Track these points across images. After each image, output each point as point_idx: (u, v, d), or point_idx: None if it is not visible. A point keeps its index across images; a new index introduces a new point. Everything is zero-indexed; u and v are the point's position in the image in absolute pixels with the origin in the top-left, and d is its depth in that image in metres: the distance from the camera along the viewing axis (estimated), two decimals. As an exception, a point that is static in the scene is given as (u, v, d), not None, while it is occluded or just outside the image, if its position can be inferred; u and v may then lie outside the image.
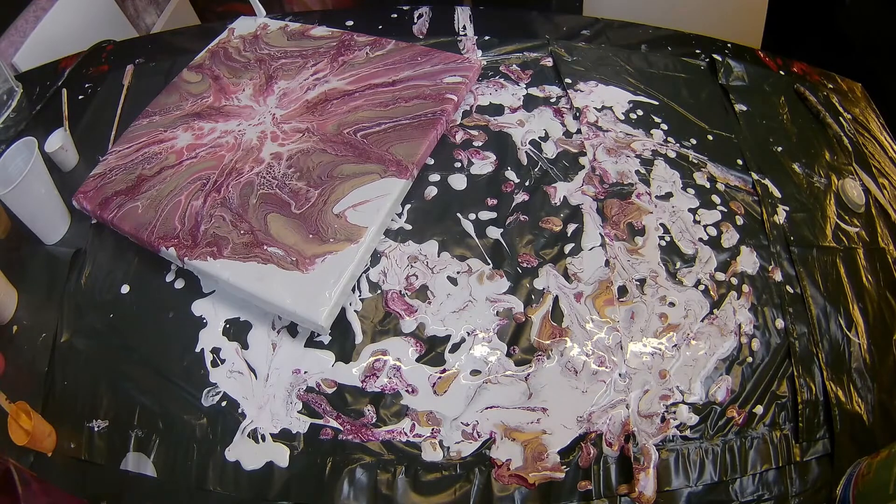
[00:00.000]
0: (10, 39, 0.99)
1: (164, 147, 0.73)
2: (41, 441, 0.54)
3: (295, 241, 0.61)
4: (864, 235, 0.71)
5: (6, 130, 0.82)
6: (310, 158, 0.68)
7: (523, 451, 0.53)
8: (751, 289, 0.63)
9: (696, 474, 0.53)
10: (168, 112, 0.78)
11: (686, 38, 0.92)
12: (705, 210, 0.69)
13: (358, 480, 0.53)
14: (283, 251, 0.60)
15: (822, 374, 0.59)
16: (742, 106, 0.81)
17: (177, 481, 0.53)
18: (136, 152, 0.73)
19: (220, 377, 0.58)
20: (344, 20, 0.92)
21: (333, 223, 0.62)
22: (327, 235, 0.61)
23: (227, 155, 0.71)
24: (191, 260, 0.61)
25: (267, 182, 0.67)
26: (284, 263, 0.59)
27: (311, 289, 0.57)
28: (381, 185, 0.64)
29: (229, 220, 0.64)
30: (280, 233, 0.62)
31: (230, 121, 0.75)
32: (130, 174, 0.70)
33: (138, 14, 1.34)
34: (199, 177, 0.69)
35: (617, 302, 0.61)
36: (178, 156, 0.72)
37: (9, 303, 0.63)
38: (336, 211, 0.63)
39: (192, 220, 0.64)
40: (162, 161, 0.71)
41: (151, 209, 0.66)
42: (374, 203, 0.63)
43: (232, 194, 0.66)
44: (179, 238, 0.63)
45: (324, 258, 0.59)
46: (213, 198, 0.66)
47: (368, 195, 0.64)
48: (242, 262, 0.60)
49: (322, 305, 0.56)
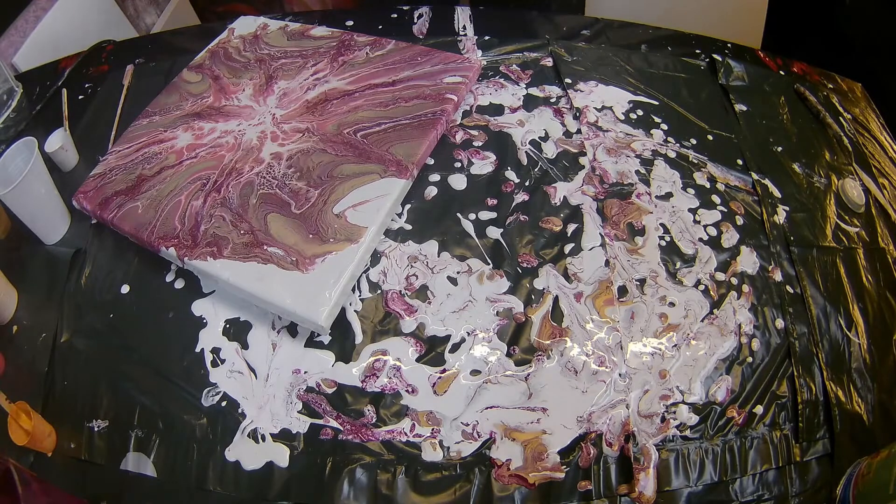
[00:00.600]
0: (10, 39, 0.99)
1: (164, 147, 0.73)
2: (41, 441, 0.54)
3: (295, 241, 0.61)
4: (864, 235, 0.71)
5: (6, 130, 0.82)
6: (310, 158, 0.68)
7: (523, 451, 0.53)
8: (751, 289, 0.63)
9: (696, 474, 0.53)
10: (168, 112, 0.78)
11: (686, 38, 0.92)
12: (705, 210, 0.69)
13: (358, 480, 0.53)
14: (283, 251, 0.60)
15: (822, 374, 0.59)
16: (742, 106, 0.81)
17: (177, 481, 0.53)
18: (136, 152, 0.73)
19: (220, 377, 0.58)
20: (344, 20, 0.92)
21: (333, 223, 0.62)
22: (327, 235, 0.61)
23: (227, 155, 0.71)
24: (191, 260, 0.61)
25: (267, 182, 0.67)
26: (284, 263, 0.59)
27: (311, 289, 0.57)
28: (382, 185, 0.64)
29: (229, 220, 0.64)
30: (280, 233, 0.62)
31: (230, 121, 0.75)
32: (130, 174, 0.70)
33: (138, 14, 1.34)
34: (199, 177, 0.69)
35: (617, 302, 0.61)
36: (178, 156, 0.72)
37: (9, 303, 0.63)
38: (336, 211, 0.63)
39: (192, 220, 0.64)
40: (162, 161, 0.71)
41: (151, 209, 0.66)
42: (374, 203, 0.63)
43: (232, 194, 0.66)
44: (179, 238, 0.63)
45: (324, 258, 0.59)
46: (213, 198, 0.66)
47: (368, 195, 0.64)
48: (242, 262, 0.60)
49: (322, 305, 0.56)
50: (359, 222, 0.62)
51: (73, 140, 0.77)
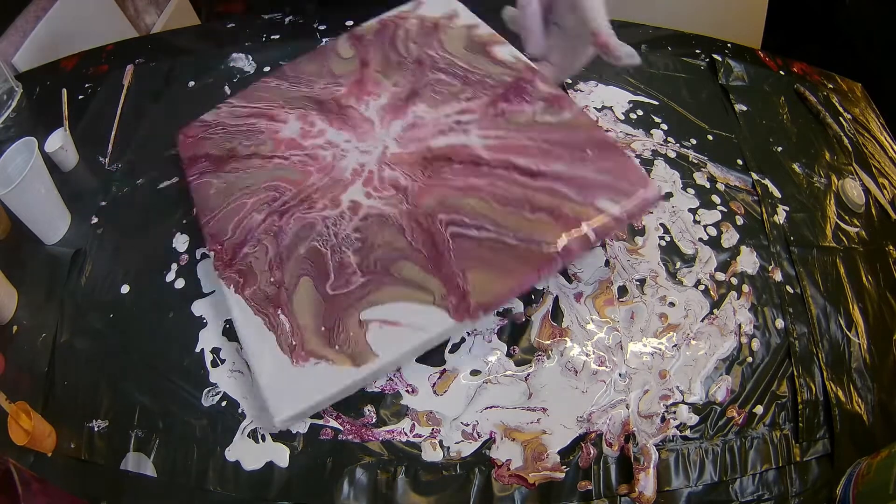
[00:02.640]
0: (10, 39, 0.99)
1: (270, 128, 0.67)
2: (41, 441, 0.54)
3: (305, 324, 0.54)
4: (864, 235, 0.71)
5: (6, 130, 0.82)
6: (381, 232, 0.57)
7: (523, 451, 0.53)
8: (751, 289, 0.63)
9: (696, 474, 0.53)
10: (299, 83, 0.70)
11: (686, 38, 0.92)
12: (705, 210, 0.69)
13: (358, 480, 0.53)
14: (290, 327, 0.54)
15: (822, 374, 0.59)
16: (742, 106, 0.81)
17: (177, 481, 0.53)
18: (246, 118, 0.68)
19: (220, 377, 0.58)
20: (344, 20, 0.92)
21: (351, 329, 0.53)
22: (336, 339, 0.53)
23: (315, 175, 0.63)
24: (220, 277, 0.59)
25: (325, 236, 0.58)
26: (283, 342, 0.54)
27: (289, 383, 0.52)
28: (426, 315, 0.52)
29: (268, 259, 0.58)
30: (300, 306, 0.55)
31: (343, 131, 0.66)
32: (227, 143, 0.65)
33: (138, 14, 1.33)
34: (277, 187, 0.62)
35: (617, 302, 0.61)
36: (275, 146, 0.66)
37: (9, 303, 0.63)
38: (363, 317, 0.53)
39: (242, 234, 0.60)
40: (259, 145, 0.66)
41: (221, 196, 0.62)
42: (405, 331, 0.52)
43: (289, 229, 0.59)
44: (224, 247, 0.59)
45: (318, 362, 0.52)
46: (272, 220, 0.60)
47: (405, 318, 0.52)
48: (254, 312, 0.56)
49: (287, 411, 0.51)
50: (374, 345, 0.52)
51: (73, 140, 0.77)
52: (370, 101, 0.68)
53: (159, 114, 0.80)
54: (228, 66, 0.85)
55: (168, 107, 0.81)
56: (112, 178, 0.74)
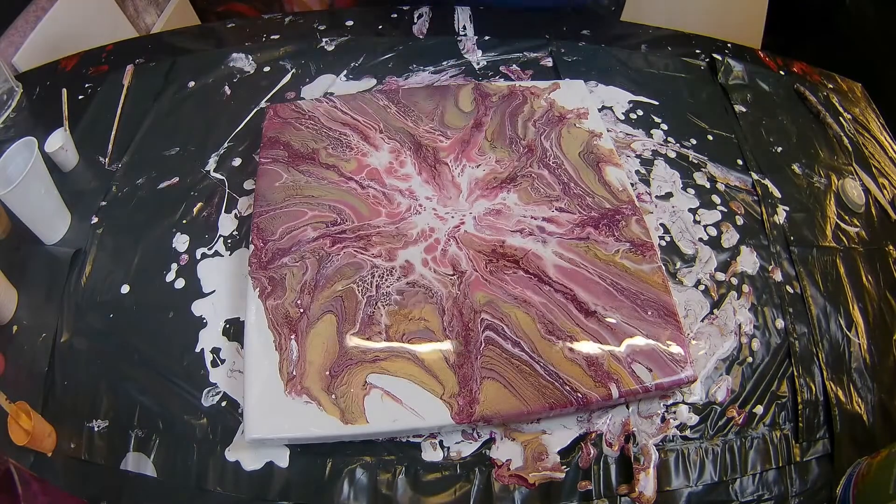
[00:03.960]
0: (10, 39, 0.99)
1: (360, 148, 0.64)
2: (41, 441, 0.53)
3: (313, 361, 0.53)
4: (864, 235, 0.71)
5: (6, 130, 0.81)
6: (422, 306, 0.56)
7: (523, 451, 0.53)
8: (751, 289, 0.63)
9: (696, 474, 0.53)
10: (406, 114, 0.68)
11: (686, 38, 0.92)
12: (705, 210, 0.69)
13: (358, 480, 0.52)
14: (297, 358, 0.53)
15: (822, 374, 0.59)
16: (742, 106, 0.81)
17: (177, 481, 0.53)
18: (342, 124, 0.65)
19: (220, 377, 0.58)
20: (344, 20, 0.92)
21: (353, 385, 0.52)
22: (336, 388, 0.52)
23: (382, 217, 0.60)
24: (250, 276, 0.58)
25: (367, 285, 0.56)
26: (284, 368, 0.53)
27: (273, 411, 0.51)
28: (427, 404, 0.51)
29: (303, 281, 0.56)
30: (315, 340, 0.54)
31: (428, 185, 0.63)
32: (314, 141, 0.63)
33: (138, 14, 1.33)
34: (341, 211, 0.60)
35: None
36: (357, 170, 0.64)
37: (9, 303, 0.63)
38: (370, 379, 0.52)
39: (288, 242, 0.58)
40: (343, 159, 0.64)
41: (283, 193, 0.60)
42: (402, 411, 0.51)
43: (336, 260, 0.58)
44: (266, 246, 0.58)
45: (310, 402, 0.51)
46: (322, 243, 0.58)
47: (408, 398, 0.52)
48: (268, 325, 0.55)
49: (260, 433, 0.51)
50: (369, 411, 0.51)
51: (73, 140, 0.77)
52: (467, 166, 0.65)
53: (159, 114, 0.80)
54: (228, 66, 0.85)
55: (168, 107, 0.81)
56: (112, 178, 0.74)
